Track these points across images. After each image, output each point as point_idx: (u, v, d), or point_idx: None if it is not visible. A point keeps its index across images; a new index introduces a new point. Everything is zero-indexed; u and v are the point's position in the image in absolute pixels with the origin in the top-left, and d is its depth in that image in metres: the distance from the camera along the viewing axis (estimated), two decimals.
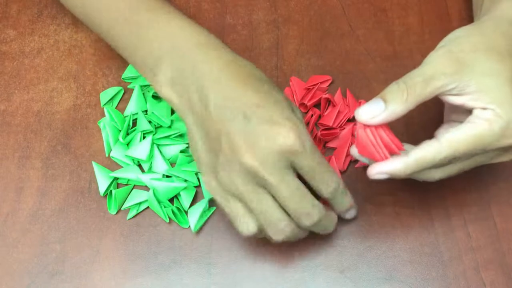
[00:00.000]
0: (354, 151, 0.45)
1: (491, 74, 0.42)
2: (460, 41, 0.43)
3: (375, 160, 0.43)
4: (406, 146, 0.45)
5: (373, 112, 0.41)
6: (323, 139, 0.53)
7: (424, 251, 0.50)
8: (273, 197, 0.42)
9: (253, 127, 0.41)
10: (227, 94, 0.43)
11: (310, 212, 0.43)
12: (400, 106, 0.41)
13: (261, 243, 0.50)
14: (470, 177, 0.52)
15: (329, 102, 0.55)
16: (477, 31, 0.44)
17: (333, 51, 0.58)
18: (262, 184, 0.42)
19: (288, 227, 0.43)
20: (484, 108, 0.41)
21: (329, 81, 0.56)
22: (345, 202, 0.46)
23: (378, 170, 0.42)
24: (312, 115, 0.54)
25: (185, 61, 0.45)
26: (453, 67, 0.41)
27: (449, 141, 0.41)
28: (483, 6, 0.50)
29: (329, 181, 0.43)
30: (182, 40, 0.46)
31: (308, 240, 0.50)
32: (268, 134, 0.41)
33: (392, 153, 0.42)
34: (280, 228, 0.43)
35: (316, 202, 0.43)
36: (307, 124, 0.54)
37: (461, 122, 0.43)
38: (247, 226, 0.44)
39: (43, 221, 0.52)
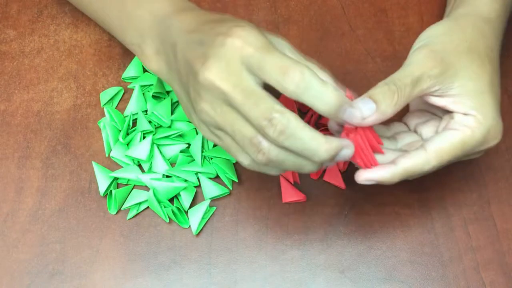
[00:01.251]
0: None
1: (472, 78, 0.43)
2: (442, 39, 0.44)
3: (362, 167, 0.42)
4: (387, 145, 0.45)
5: (364, 113, 0.40)
6: None
7: (424, 251, 0.50)
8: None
9: (206, 46, 0.40)
10: (188, 37, 0.42)
11: (272, 118, 0.37)
12: (390, 108, 0.41)
13: (261, 243, 0.50)
14: (470, 177, 0.52)
15: None
16: (457, 29, 0.45)
17: (333, 51, 0.58)
18: (228, 102, 0.39)
19: (263, 143, 0.38)
20: (465, 114, 0.42)
21: None
22: (325, 95, 0.38)
23: (367, 177, 0.42)
24: (312, 115, 0.54)
25: (164, 31, 0.45)
26: (438, 68, 0.42)
27: (436, 151, 0.42)
28: None
29: (290, 73, 0.37)
30: (161, 11, 0.46)
31: (308, 240, 0.50)
32: (216, 43, 0.39)
33: (376, 152, 0.43)
34: (255, 145, 0.38)
35: (280, 108, 0.37)
36: (307, 123, 0.54)
37: (432, 113, 0.45)
38: (241, 158, 0.41)
39: (43, 221, 0.52)
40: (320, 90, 0.37)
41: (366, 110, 0.40)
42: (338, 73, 0.57)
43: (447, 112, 0.44)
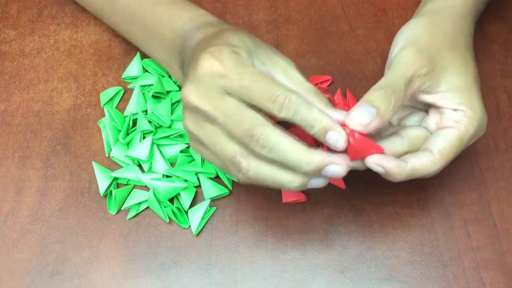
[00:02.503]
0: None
1: (458, 74, 0.44)
2: (424, 38, 0.45)
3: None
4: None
5: (366, 119, 0.40)
6: None
7: (424, 251, 0.50)
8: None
9: (188, 65, 0.41)
10: (190, 53, 0.44)
11: (254, 133, 0.38)
12: (389, 112, 0.41)
13: (261, 243, 0.50)
14: (470, 177, 0.52)
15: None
16: (436, 26, 0.46)
17: (333, 51, 0.58)
18: (210, 121, 0.40)
19: (243, 163, 0.39)
20: (454, 109, 0.43)
21: (329, 81, 0.57)
22: (313, 115, 0.38)
23: (377, 161, 0.41)
24: None
25: (184, 48, 0.46)
26: (427, 67, 0.43)
27: (440, 152, 0.43)
28: None
29: (272, 96, 0.38)
30: (182, 29, 0.48)
31: (308, 240, 0.50)
32: (194, 64, 0.40)
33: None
34: (235, 164, 0.39)
35: (261, 122, 0.38)
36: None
37: (411, 106, 0.46)
38: (227, 174, 0.41)
39: (43, 221, 0.52)
40: (308, 115, 0.38)
41: (367, 116, 0.40)
42: (338, 73, 0.57)
43: (432, 106, 0.45)
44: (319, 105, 0.40)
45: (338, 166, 0.39)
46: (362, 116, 0.40)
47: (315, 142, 0.52)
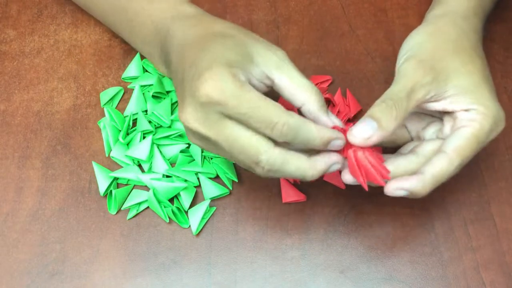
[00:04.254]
0: (348, 177, 0.43)
1: (465, 76, 0.43)
2: (427, 47, 0.45)
3: (372, 181, 0.42)
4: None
5: (367, 133, 0.40)
6: None
7: (424, 251, 0.50)
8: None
9: (184, 88, 0.41)
10: (178, 59, 0.43)
11: (259, 161, 0.39)
12: (391, 124, 0.41)
13: (261, 243, 0.50)
14: (470, 177, 0.52)
15: (329, 102, 0.55)
16: (439, 33, 0.46)
17: (333, 51, 0.58)
18: (213, 144, 0.41)
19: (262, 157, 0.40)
20: (466, 110, 0.43)
21: (329, 81, 0.57)
22: (312, 135, 0.40)
23: (398, 186, 0.41)
24: None
25: (164, 40, 0.47)
26: (429, 76, 0.43)
27: (455, 150, 0.42)
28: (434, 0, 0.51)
29: (270, 124, 0.39)
30: (160, 18, 0.48)
31: (308, 240, 0.50)
32: (191, 91, 0.40)
33: (383, 178, 0.42)
34: (254, 163, 0.40)
35: (266, 148, 0.39)
36: None
37: (430, 115, 0.46)
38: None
39: (43, 221, 0.52)
40: (307, 135, 0.39)
41: (368, 129, 0.40)
42: (338, 73, 0.57)
43: (445, 113, 0.45)
44: (313, 106, 0.41)
45: (336, 161, 0.41)
46: (363, 130, 0.40)
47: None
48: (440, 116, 0.47)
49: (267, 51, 0.42)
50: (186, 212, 0.51)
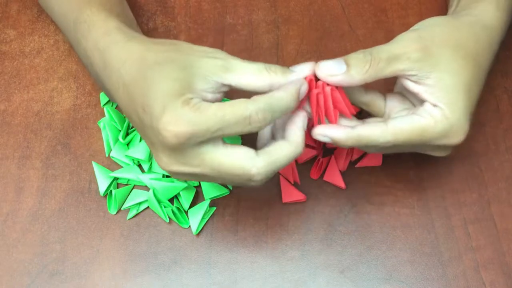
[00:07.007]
0: (318, 131, 0.44)
1: (451, 73, 0.43)
2: (433, 29, 0.45)
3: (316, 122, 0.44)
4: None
5: (333, 71, 0.42)
6: None
7: (424, 251, 0.50)
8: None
9: (148, 135, 0.41)
10: (125, 101, 0.42)
11: (251, 176, 0.40)
12: (359, 75, 0.42)
13: (261, 243, 0.50)
14: (470, 177, 0.52)
15: None
16: (452, 24, 0.46)
17: (333, 51, 0.58)
18: (200, 176, 0.42)
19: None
20: (435, 105, 0.43)
21: None
22: (283, 102, 0.40)
23: (321, 132, 0.43)
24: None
25: (101, 75, 0.45)
26: (419, 53, 0.43)
27: (394, 129, 0.42)
28: (461, 2, 0.50)
29: (245, 120, 0.39)
30: (94, 52, 0.45)
31: (308, 240, 0.50)
32: (158, 139, 0.40)
33: (342, 113, 0.44)
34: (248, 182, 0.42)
35: (249, 163, 0.40)
36: None
37: (411, 103, 0.46)
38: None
39: (43, 221, 0.52)
40: (281, 104, 0.40)
41: (336, 68, 0.42)
42: None
43: (421, 102, 0.45)
44: (278, 77, 0.41)
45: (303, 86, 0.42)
46: (331, 67, 0.42)
47: (314, 142, 0.52)
48: (418, 104, 0.46)
49: (207, 60, 0.41)
50: (186, 212, 0.51)
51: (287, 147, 0.41)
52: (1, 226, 0.52)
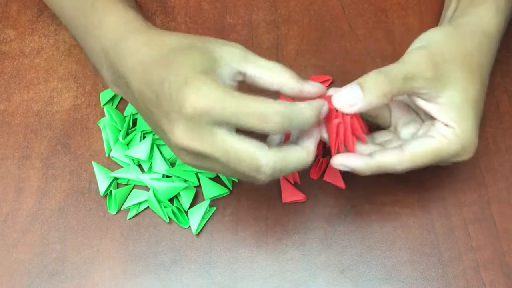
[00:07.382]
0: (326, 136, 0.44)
1: (461, 92, 0.43)
2: (441, 46, 0.45)
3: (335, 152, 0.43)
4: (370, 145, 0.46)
5: (351, 100, 0.41)
6: None
7: (424, 251, 0.50)
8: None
9: (164, 108, 0.40)
10: (141, 83, 0.42)
11: (259, 167, 0.39)
12: (378, 99, 0.41)
13: (261, 243, 0.50)
14: (470, 177, 0.52)
15: None
16: (456, 39, 0.45)
17: (333, 51, 0.58)
18: (210, 158, 0.40)
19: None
20: (446, 125, 0.43)
21: (329, 81, 0.56)
22: (303, 115, 0.39)
23: (342, 162, 0.43)
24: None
25: (114, 62, 0.45)
26: (432, 72, 0.43)
27: (411, 154, 0.43)
28: (460, 4, 0.50)
29: (262, 116, 0.38)
30: (108, 40, 0.45)
31: (308, 240, 0.50)
32: (175, 109, 0.39)
33: (358, 139, 0.44)
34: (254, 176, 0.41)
35: (261, 153, 0.39)
36: None
37: (416, 113, 0.47)
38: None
39: (43, 221, 0.52)
40: (302, 115, 0.39)
41: (353, 96, 0.41)
42: (338, 73, 0.57)
43: (429, 117, 0.45)
44: (292, 81, 0.41)
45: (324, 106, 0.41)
46: (347, 96, 0.41)
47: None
48: (423, 117, 0.47)
49: (228, 47, 0.41)
50: (186, 212, 0.51)
51: (300, 150, 0.41)
52: (1, 226, 0.52)
